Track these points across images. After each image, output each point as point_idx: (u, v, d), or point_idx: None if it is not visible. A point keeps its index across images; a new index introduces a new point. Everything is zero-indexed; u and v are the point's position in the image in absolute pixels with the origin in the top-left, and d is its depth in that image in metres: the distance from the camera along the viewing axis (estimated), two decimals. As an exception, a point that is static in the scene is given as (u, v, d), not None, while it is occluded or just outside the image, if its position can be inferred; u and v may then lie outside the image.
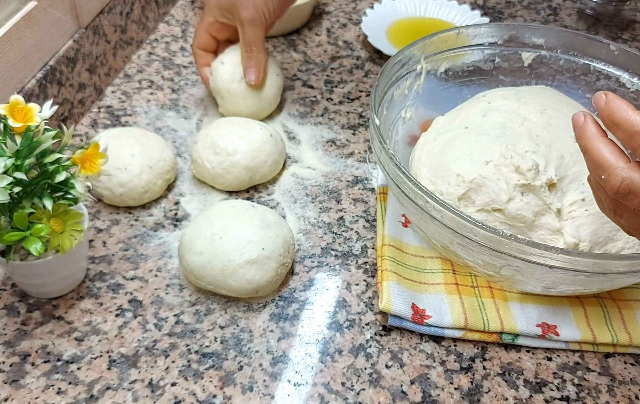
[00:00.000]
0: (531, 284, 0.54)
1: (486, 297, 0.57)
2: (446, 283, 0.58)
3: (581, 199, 0.55)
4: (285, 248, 0.58)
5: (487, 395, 0.52)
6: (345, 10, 0.99)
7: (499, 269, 0.52)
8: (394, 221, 0.63)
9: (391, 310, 0.54)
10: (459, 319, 0.55)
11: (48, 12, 0.67)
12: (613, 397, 0.52)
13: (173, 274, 0.60)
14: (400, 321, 0.55)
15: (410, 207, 0.54)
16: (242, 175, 0.66)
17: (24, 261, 0.52)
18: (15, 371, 0.51)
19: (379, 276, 0.58)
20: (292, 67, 0.86)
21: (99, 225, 0.63)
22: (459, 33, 0.67)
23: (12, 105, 0.48)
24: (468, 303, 0.57)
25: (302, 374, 0.52)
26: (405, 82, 0.65)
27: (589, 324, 0.55)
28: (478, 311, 0.56)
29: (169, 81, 0.82)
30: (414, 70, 0.66)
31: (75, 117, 0.74)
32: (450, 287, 0.58)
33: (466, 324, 0.55)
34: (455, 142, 0.61)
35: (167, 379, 0.51)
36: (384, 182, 0.68)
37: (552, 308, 0.57)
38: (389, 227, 0.62)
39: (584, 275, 0.48)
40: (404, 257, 0.60)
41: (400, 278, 0.57)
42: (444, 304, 0.56)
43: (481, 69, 0.70)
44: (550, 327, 0.55)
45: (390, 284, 0.56)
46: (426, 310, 0.55)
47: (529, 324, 0.55)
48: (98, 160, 0.52)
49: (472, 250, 0.51)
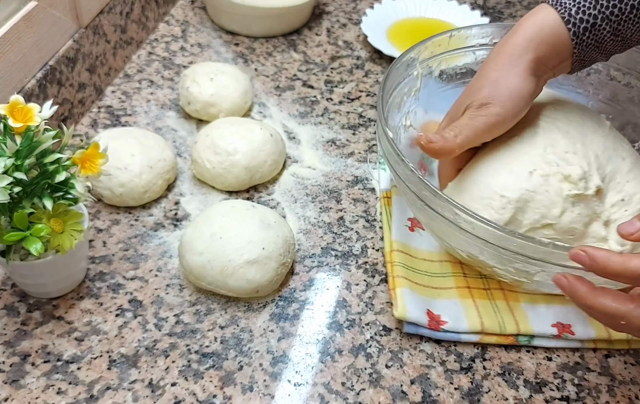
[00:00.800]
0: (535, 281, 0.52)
1: (499, 299, 0.57)
2: (458, 287, 0.58)
3: (620, 199, 0.53)
4: (285, 248, 0.58)
5: (487, 395, 0.52)
6: (345, 10, 0.99)
7: (533, 275, 0.50)
8: (401, 225, 0.62)
9: (406, 317, 0.54)
10: (475, 324, 0.54)
11: (48, 12, 0.67)
12: (613, 397, 0.52)
13: (173, 274, 0.60)
14: (416, 328, 0.55)
15: (438, 219, 0.50)
16: (242, 175, 0.66)
17: (24, 261, 0.52)
18: (15, 371, 0.51)
19: (390, 282, 0.57)
20: (292, 67, 0.86)
21: (99, 225, 0.63)
22: (452, 36, 0.67)
23: (12, 105, 0.48)
24: (482, 306, 0.56)
25: (302, 374, 0.52)
26: (404, 89, 0.64)
27: None
28: (493, 314, 0.56)
29: (169, 81, 0.82)
30: (410, 75, 0.65)
31: (75, 117, 0.74)
32: (463, 291, 0.58)
33: (483, 328, 0.54)
34: (482, 150, 0.56)
35: (167, 379, 0.51)
36: (386, 185, 0.67)
37: (564, 307, 0.56)
38: (396, 233, 0.61)
39: None
40: (413, 262, 0.60)
41: (412, 284, 0.57)
42: (459, 308, 0.56)
43: (474, 71, 0.70)
44: (565, 326, 0.55)
45: (403, 291, 0.56)
46: (441, 315, 0.55)
47: (544, 324, 0.55)
48: (98, 160, 0.52)
49: (506, 258, 0.48)
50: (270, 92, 0.82)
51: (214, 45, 0.89)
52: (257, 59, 0.87)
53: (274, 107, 0.79)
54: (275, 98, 0.81)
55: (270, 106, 0.80)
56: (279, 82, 0.83)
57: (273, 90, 0.82)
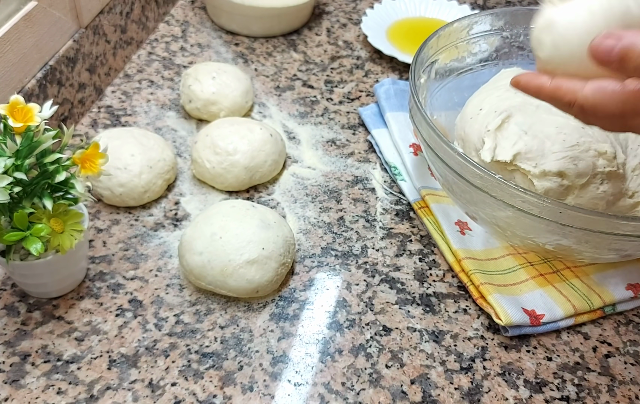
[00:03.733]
0: (612, 254, 0.53)
1: (572, 278, 0.58)
2: (533, 277, 0.59)
3: (639, 162, 0.54)
4: (285, 248, 0.58)
5: (487, 395, 0.52)
6: (345, 10, 0.99)
7: (607, 252, 0.52)
8: (453, 232, 0.62)
9: (512, 322, 0.54)
10: (567, 308, 0.56)
11: (48, 12, 0.67)
12: (613, 397, 0.52)
13: (173, 274, 0.60)
14: (519, 330, 0.55)
15: (509, 210, 0.51)
16: (242, 175, 0.66)
17: (24, 261, 0.52)
18: (15, 371, 0.51)
19: (474, 292, 0.57)
20: (292, 67, 0.86)
21: (99, 225, 0.63)
22: (439, 36, 0.67)
23: (12, 105, 0.48)
24: (563, 289, 0.57)
25: (302, 374, 0.52)
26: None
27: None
28: (575, 293, 0.57)
29: (169, 81, 0.82)
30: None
31: (75, 117, 0.74)
32: (539, 280, 0.58)
33: (575, 310, 0.55)
34: (546, 118, 0.56)
35: (167, 379, 0.51)
36: (416, 196, 0.66)
37: (632, 268, 0.58)
38: (454, 241, 0.61)
39: None
40: (482, 265, 0.59)
41: (498, 287, 0.57)
42: (546, 298, 0.57)
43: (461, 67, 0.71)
44: (636, 286, 0.56)
45: (495, 296, 0.56)
46: (536, 310, 0.56)
47: (620, 290, 0.56)
48: (98, 160, 0.52)
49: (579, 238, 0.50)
50: (270, 92, 0.82)
51: (214, 45, 0.89)
52: (257, 59, 0.87)
53: (274, 107, 0.79)
54: (275, 98, 0.81)
55: (270, 106, 0.80)
56: (279, 82, 0.83)
57: (273, 90, 0.82)
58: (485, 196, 0.52)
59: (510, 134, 0.56)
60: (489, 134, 0.56)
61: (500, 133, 0.57)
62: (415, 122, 0.59)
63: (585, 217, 0.48)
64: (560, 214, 0.48)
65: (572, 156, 0.53)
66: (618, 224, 0.48)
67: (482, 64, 0.71)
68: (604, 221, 0.48)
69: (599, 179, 0.53)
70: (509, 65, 0.71)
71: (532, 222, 0.51)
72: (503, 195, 0.50)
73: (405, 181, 0.68)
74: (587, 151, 0.53)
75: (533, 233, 0.53)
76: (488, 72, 0.70)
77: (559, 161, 0.53)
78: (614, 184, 0.53)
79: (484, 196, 0.52)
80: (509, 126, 0.57)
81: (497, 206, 0.52)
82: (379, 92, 0.77)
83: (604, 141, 0.54)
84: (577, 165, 0.53)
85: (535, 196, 0.49)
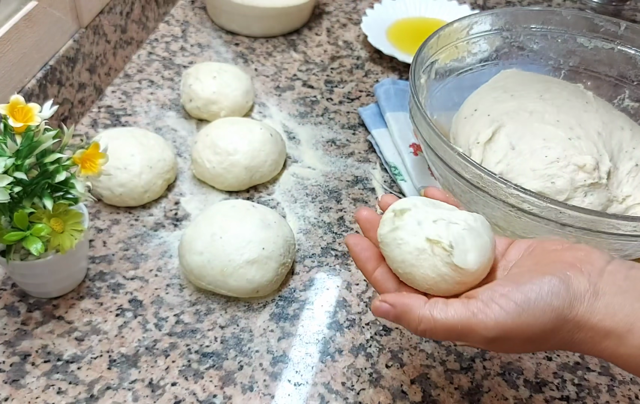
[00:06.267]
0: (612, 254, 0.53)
1: None
2: None
3: (634, 165, 0.54)
4: (285, 248, 0.58)
5: (487, 395, 0.52)
6: (345, 10, 0.99)
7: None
8: None
9: None
10: None
11: (48, 12, 0.67)
12: (613, 397, 0.52)
13: (173, 274, 0.60)
14: None
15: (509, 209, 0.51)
16: (242, 175, 0.66)
17: (24, 260, 0.52)
18: (16, 370, 0.51)
19: None
20: (292, 67, 0.86)
21: (99, 225, 0.63)
22: (439, 36, 0.67)
23: (13, 105, 0.48)
24: None
25: (303, 374, 0.52)
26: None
27: None
28: None
29: (169, 81, 0.82)
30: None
31: (76, 117, 0.74)
32: None
33: None
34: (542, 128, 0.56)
35: (167, 379, 0.51)
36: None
37: None
38: None
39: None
40: None
41: None
42: None
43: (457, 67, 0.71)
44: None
45: None
46: None
47: None
48: (98, 160, 0.52)
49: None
50: (270, 92, 0.82)
51: (214, 45, 0.89)
52: (257, 59, 0.87)
53: (274, 107, 0.79)
54: (275, 98, 0.81)
55: (270, 105, 0.80)
56: (279, 82, 0.83)
57: (273, 90, 0.82)
58: (486, 196, 0.52)
59: (498, 147, 0.57)
60: (478, 147, 0.57)
61: (489, 145, 0.57)
62: (415, 122, 0.59)
63: (585, 217, 0.48)
64: (560, 214, 0.48)
65: (550, 174, 0.53)
66: (618, 224, 0.48)
67: (482, 64, 0.71)
68: (604, 221, 0.48)
69: (581, 192, 0.52)
70: (509, 66, 0.71)
71: (532, 222, 0.51)
72: (503, 195, 0.50)
73: (405, 181, 0.68)
74: (566, 167, 0.53)
75: (533, 233, 0.53)
76: (488, 72, 0.71)
77: (536, 180, 0.54)
78: (599, 194, 0.53)
79: (484, 196, 0.52)
80: (499, 138, 0.58)
81: (497, 206, 0.52)
82: (379, 92, 0.77)
83: (589, 150, 0.54)
84: (555, 183, 0.53)
85: (535, 196, 0.49)
